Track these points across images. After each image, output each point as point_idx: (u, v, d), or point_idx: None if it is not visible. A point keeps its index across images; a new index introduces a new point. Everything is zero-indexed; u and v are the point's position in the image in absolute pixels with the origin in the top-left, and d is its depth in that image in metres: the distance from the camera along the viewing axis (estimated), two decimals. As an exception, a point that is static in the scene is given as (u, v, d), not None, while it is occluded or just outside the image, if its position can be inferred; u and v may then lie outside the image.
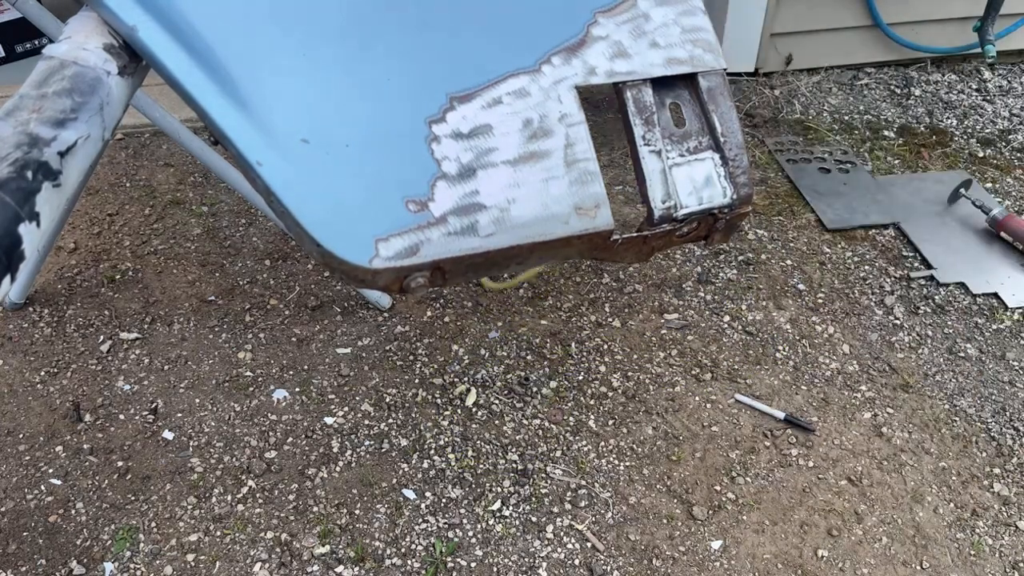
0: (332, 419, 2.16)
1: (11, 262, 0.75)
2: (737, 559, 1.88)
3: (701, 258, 2.71)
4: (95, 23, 1.00)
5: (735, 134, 1.23)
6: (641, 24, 1.22)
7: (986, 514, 1.98)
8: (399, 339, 2.39)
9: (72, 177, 0.87)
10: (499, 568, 1.85)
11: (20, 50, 3.73)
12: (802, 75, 3.71)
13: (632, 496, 2.00)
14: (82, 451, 2.08)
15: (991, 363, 2.36)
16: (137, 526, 1.92)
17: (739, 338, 2.42)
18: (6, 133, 0.81)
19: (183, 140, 2.16)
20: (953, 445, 2.14)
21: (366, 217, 1.04)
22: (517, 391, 2.25)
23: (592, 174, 1.14)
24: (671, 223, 1.22)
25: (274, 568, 1.84)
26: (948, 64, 3.82)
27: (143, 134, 3.27)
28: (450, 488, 2.01)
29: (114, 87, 0.97)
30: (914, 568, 1.87)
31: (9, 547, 1.87)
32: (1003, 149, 3.29)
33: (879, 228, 2.85)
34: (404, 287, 1.07)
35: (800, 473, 2.06)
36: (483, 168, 1.08)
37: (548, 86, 1.15)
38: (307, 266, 2.64)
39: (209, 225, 2.81)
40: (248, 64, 1.05)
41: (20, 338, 2.38)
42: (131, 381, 2.25)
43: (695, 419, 2.18)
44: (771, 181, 3.07)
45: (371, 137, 1.07)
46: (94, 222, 2.81)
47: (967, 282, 2.61)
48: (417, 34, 1.14)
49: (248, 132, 1.02)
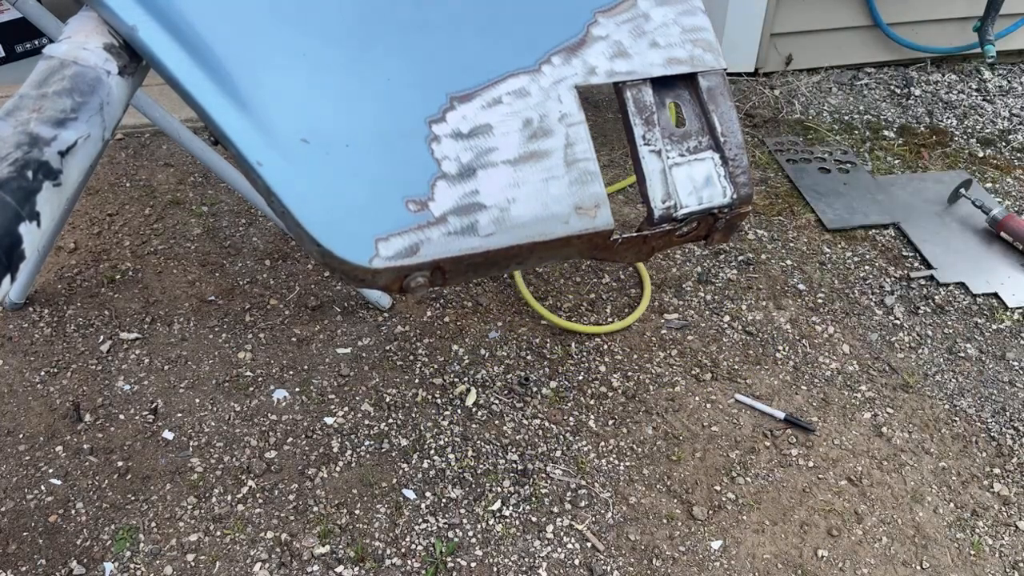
0: (332, 419, 2.16)
1: (11, 262, 0.75)
2: (737, 559, 1.88)
3: (701, 258, 2.71)
4: (95, 23, 1.00)
5: (735, 134, 1.23)
6: (641, 24, 1.22)
7: (986, 514, 1.98)
8: (399, 339, 2.39)
9: (72, 177, 0.87)
10: (499, 568, 1.85)
11: (20, 50, 3.73)
12: (802, 75, 3.71)
13: (632, 496, 2.00)
14: (82, 451, 2.08)
15: (991, 363, 2.36)
16: (137, 526, 1.92)
17: (739, 338, 2.42)
18: (6, 133, 0.81)
19: (183, 140, 2.16)
20: (953, 445, 2.14)
21: (366, 217, 1.04)
22: (517, 391, 2.25)
23: (592, 174, 1.14)
24: (671, 223, 1.22)
25: (274, 568, 1.84)
26: (948, 64, 3.83)
27: (143, 134, 3.27)
28: (450, 488, 2.01)
29: (114, 87, 0.97)
30: (914, 568, 1.87)
31: (9, 547, 1.87)
32: (1003, 149, 3.29)
33: (879, 228, 2.85)
34: (404, 287, 1.07)
35: (800, 473, 2.06)
36: (483, 168, 1.08)
37: (548, 86, 1.15)
38: (307, 266, 2.64)
39: (209, 225, 2.81)
40: (248, 64, 1.05)
41: (20, 338, 2.38)
42: (131, 381, 2.25)
43: (695, 419, 2.18)
44: (771, 181, 3.07)
45: (371, 137, 1.07)
46: (94, 222, 2.81)
47: (967, 282, 2.61)
48: (417, 34, 1.14)
49: (248, 132, 1.02)
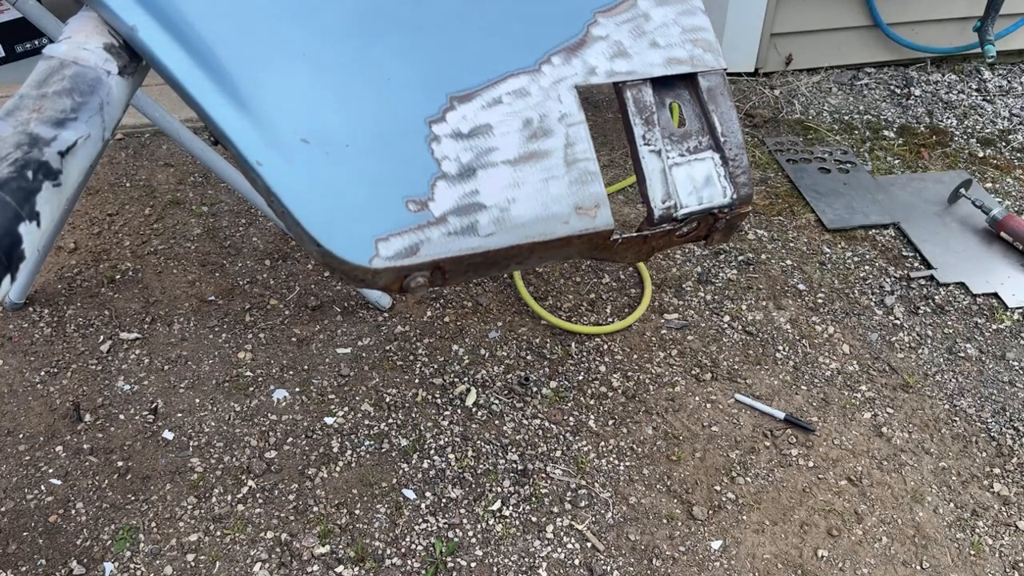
0: (332, 419, 2.16)
1: (11, 262, 0.75)
2: (737, 559, 1.88)
3: (701, 258, 2.71)
4: (95, 23, 1.00)
5: (735, 134, 1.23)
6: (641, 24, 1.22)
7: (986, 514, 1.98)
8: (399, 339, 2.39)
9: (72, 177, 0.87)
10: (499, 568, 1.85)
11: (20, 50, 3.73)
12: (802, 75, 3.71)
13: (632, 496, 2.00)
14: (82, 451, 2.08)
15: (991, 363, 2.36)
16: (137, 526, 1.92)
17: (739, 338, 2.42)
18: (6, 133, 0.81)
19: (183, 140, 2.16)
20: (953, 445, 2.13)
21: (366, 217, 1.03)
22: (517, 391, 2.25)
23: (592, 174, 1.14)
24: (671, 223, 1.22)
25: (274, 568, 1.84)
26: (948, 64, 3.83)
27: (143, 134, 3.27)
28: (450, 488, 2.01)
29: (114, 87, 0.97)
30: (914, 568, 1.87)
31: (9, 547, 1.87)
32: (1003, 149, 3.29)
33: (879, 228, 2.85)
34: (404, 287, 1.07)
35: (800, 473, 2.06)
36: (483, 168, 1.08)
37: (548, 86, 1.15)
38: (307, 266, 2.64)
39: (209, 225, 2.81)
40: (248, 64, 1.05)
41: (20, 338, 2.38)
42: (131, 381, 2.25)
43: (695, 419, 2.18)
44: (771, 181, 3.07)
45: (371, 137, 1.07)
46: (94, 222, 2.81)
47: (967, 282, 2.61)
48: (417, 34, 1.14)
49: (248, 132, 1.02)
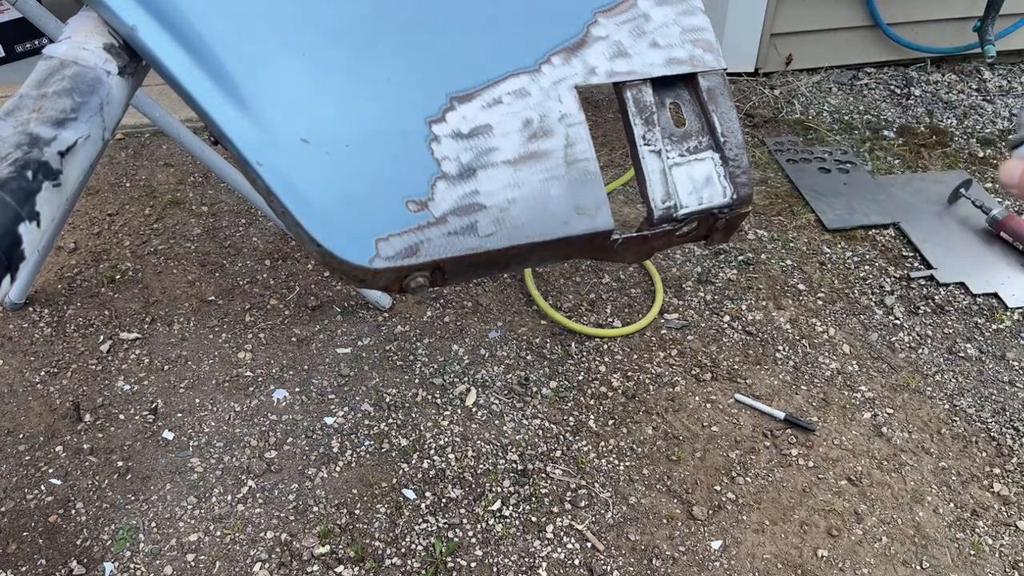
0: (332, 419, 2.16)
1: (11, 262, 0.75)
2: (737, 559, 1.88)
3: (701, 258, 2.71)
4: (95, 23, 1.00)
5: (735, 134, 1.23)
6: (641, 24, 1.22)
7: (986, 514, 1.98)
8: (399, 339, 2.39)
9: (72, 177, 0.86)
10: (499, 568, 1.85)
11: (20, 50, 3.73)
12: (802, 75, 3.71)
13: (632, 496, 2.00)
14: (82, 451, 2.08)
15: (991, 363, 2.36)
16: (137, 526, 1.92)
17: (739, 338, 2.42)
18: (6, 133, 0.81)
19: (183, 140, 2.16)
20: (953, 445, 2.13)
21: (366, 217, 1.03)
22: (517, 391, 2.24)
23: (592, 174, 1.14)
24: (671, 223, 1.22)
25: (274, 568, 1.84)
26: (948, 64, 3.83)
27: (143, 134, 3.27)
28: (450, 488, 2.01)
29: (114, 87, 0.96)
30: (914, 568, 1.87)
31: (9, 547, 1.87)
32: (1003, 149, 3.29)
33: (879, 228, 2.85)
34: (404, 287, 1.07)
35: (800, 473, 2.06)
36: (483, 168, 1.08)
37: (548, 86, 1.15)
38: (307, 266, 2.64)
39: (209, 225, 2.81)
40: (248, 64, 1.05)
41: (20, 338, 2.38)
42: (131, 381, 2.25)
43: (695, 419, 2.18)
44: (771, 181, 3.07)
45: (371, 137, 1.07)
46: (94, 222, 2.81)
47: (967, 282, 2.61)
48: (417, 34, 1.14)
49: (248, 132, 1.02)
